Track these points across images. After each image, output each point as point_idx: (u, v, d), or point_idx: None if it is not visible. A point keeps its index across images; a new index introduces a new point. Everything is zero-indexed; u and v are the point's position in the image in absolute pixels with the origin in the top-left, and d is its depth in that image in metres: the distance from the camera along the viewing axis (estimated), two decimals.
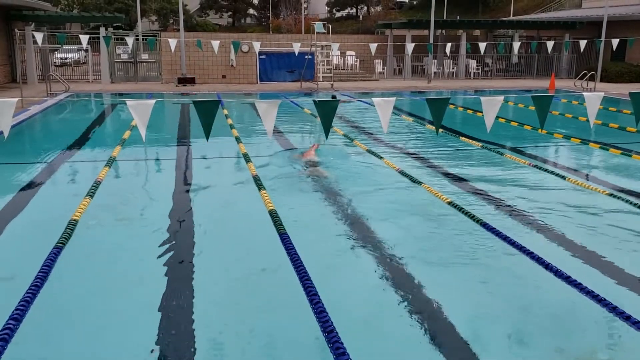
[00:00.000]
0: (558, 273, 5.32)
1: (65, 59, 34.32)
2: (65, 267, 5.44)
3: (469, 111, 17.21)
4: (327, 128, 6.46)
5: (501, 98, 6.75)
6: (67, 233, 6.14)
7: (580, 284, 5.05)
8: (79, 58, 35.75)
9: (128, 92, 22.25)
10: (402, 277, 5.58)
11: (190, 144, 12.09)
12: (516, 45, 24.79)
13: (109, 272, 5.62)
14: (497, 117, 7.40)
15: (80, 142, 12.14)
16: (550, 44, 24.12)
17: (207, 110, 6.15)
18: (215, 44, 22.12)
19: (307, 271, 5.12)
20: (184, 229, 6.79)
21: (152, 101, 6.01)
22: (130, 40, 22.55)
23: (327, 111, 6.39)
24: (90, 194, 7.65)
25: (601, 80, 26.09)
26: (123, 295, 5.17)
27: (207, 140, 6.52)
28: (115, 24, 28.06)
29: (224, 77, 26.27)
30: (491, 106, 6.64)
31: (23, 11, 24.75)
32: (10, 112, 5.48)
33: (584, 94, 6.96)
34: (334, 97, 20.98)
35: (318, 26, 24.96)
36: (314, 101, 6.54)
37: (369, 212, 7.38)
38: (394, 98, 6.77)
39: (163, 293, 5.09)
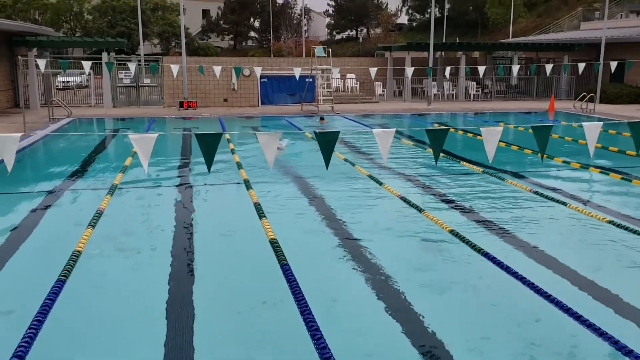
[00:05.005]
0: (559, 305, 5.32)
1: (68, 82, 34.52)
2: (68, 301, 5.45)
3: (469, 134, 17.28)
4: (327, 159, 6.51)
5: (501, 128, 6.81)
6: (70, 265, 6.15)
7: (581, 316, 5.04)
8: (81, 81, 35.99)
9: (130, 116, 22.39)
10: (406, 309, 5.57)
11: (192, 170, 12.13)
12: (515, 68, 24.97)
13: (111, 305, 5.63)
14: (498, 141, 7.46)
15: (82, 169, 12.18)
16: (549, 67, 24.31)
17: (209, 142, 6.21)
18: (217, 69, 22.30)
19: (308, 305, 5.13)
20: (185, 259, 6.80)
21: (155, 135, 6.07)
22: (132, 66, 22.74)
23: (327, 142, 6.44)
24: (92, 224, 7.68)
25: (600, 102, 26.21)
26: (125, 328, 5.17)
27: (209, 171, 6.57)
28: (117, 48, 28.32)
29: (225, 100, 26.44)
30: (491, 136, 6.70)
31: (26, 37, 25.00)
32: (14, 147, 5.54)
33: (583, 123, 7.02)
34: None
35: (319, 50, 25.19)
36: (315, 132, 6.59)
37: (370, 240, 7.40)
38: (394, 129, 6.83)
39: (165, 325, 5.10)
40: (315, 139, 6.93)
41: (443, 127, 6.76)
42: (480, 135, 7.35)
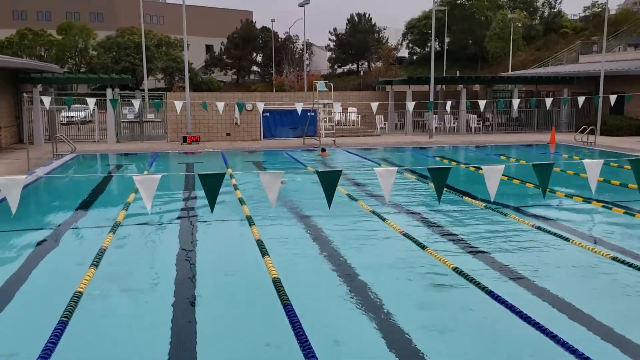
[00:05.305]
0: (565, 345, 5.26)
1: (72, 117, 34.80)
2: (70, 343, 5.40)
3: (472, 168, 17.32)
4: (329, 198, 6.53)
5: (502, 167, 6.85)
6: (71, 306, 6.12)
7: (588, 358, 4.98)
8: (85, 116, 36.32)
9: (134, 151, 22.51)
10: (410, 349, 5.53)
11: (195, 206, 12.14)
12: (515, 102, 25.17)
13: (112, 348, 5.59)
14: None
15: (85, 207, 12.21)
16: (549, 101, 24.51)
17: (212, 183, 6.25)
18: (220, 105, 22.49)
19: (312, 348, 5.08)
20: (188, 300, 6.77)
21: (158, 176, 6.12)
22: (136, 102, 23.00)
23: (329, 181, 6.48)
24: (95, 263, 7.67)
25: (601, 134, 26.34)
26: None
27: (212, 211, 6.59)
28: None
29: (228, 134, 26.63)
30: (493, 174, 6.73)
31: (31, 74, 25.35)
32: (18, 189, 5.58)
33: (584, 161, 7.06)
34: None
35: (320, 85, 25.47)
36: (317, 171, 6.64)
37: (373, 278, 7.37)
38: (395, 168, 6.88)
39: None
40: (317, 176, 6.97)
41: (445, 167, 6.80)
42: (482, 170, 7.38)
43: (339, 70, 72.97)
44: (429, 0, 61.74)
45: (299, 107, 23.25)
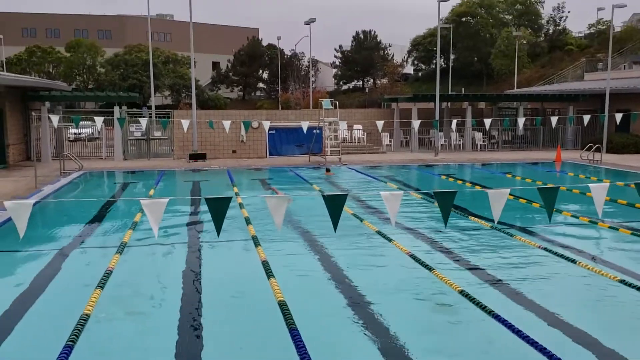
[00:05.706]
0: None
1: (79, 134, 35.01)
2: None
3: (477, 187, 17.32)
4: (335, 221, 6.55)
5: (507, 190, 6.87)
6: (78, 329, 6.13)
7: None
8: (92, 133, 36.53)
9: (140, 169, 22.62)
10: None
11: (201, 225, 12.15)
12: (521, 120, 25.19)
13: None
14: None
15: (91, 226, 12.24)
16: (554, 119, 24.53)
17: (219, 207, 6.28)
18: (227, 124, 22.62)
19: None
20: (194, 323, 6.77)
21: (165, 200, 6.16)
22: (144, 121, 23.16)
23: (335, 205, 6.50)
24: (101, 285, 7.69)
25: (607, 152, 26.30)
26: None
27: (218, 235, 6.61)
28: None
29: (234, 152, 26.76)
30: (498, 199, 6.75)
31: (40, 92, 25.59)
32: (26, 214, 5.63)
33: (590, 185, 7.07)
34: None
35: (326, 103, 25.59)
36: (323, 195, 6.67)
37: (379, 301, 7.35)
38: (401, 192, 6.90)
39: None
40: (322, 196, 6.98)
41: (451, 191, 6.81)
42: (488, 188, 7.39)
43: (345, 87, 73.30)
44: (434, 17, 62.12)
45: (305, 124, 23.36)
